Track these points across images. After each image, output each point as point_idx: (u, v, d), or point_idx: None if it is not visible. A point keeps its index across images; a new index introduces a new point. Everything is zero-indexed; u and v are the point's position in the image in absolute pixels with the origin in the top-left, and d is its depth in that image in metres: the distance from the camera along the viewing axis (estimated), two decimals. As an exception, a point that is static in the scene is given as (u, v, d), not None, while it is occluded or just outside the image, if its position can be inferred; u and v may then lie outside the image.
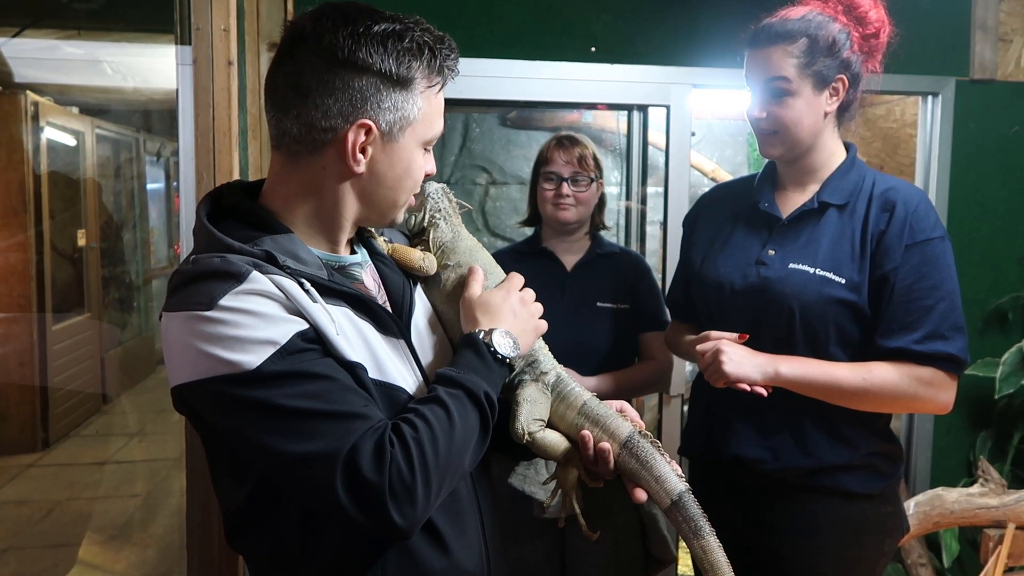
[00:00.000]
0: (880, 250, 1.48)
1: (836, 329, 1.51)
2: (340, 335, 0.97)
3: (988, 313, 2.69)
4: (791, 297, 1.50)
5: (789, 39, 1.50)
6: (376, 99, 0.98)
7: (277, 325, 0.92)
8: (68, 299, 5.15)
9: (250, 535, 1.03)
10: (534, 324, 1.17)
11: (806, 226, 1.56)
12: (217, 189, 1.10)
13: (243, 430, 0.92)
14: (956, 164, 2.62)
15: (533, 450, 1.18)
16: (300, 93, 0.98)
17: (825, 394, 1.48)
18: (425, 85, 1.02)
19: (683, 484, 1.14)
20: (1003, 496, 2.41)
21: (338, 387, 0.94)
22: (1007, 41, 2.64)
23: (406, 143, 1.03)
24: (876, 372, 1.46)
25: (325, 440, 0.90)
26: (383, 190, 1.05)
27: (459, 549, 1.07)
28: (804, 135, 1.54)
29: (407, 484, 0.91)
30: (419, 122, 1.03)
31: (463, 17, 2.36)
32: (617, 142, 3.86)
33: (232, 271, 0.93)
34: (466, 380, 1.02)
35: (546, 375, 1.20)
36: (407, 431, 0.93)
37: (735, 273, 1.59)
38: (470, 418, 1.00)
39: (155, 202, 6.77)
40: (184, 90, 1.81)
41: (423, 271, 1.20)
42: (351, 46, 0.96)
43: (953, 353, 1.45)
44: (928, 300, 1.46)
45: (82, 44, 3.71)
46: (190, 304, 0.92)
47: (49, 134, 4.81)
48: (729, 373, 1.45)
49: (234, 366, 0.90)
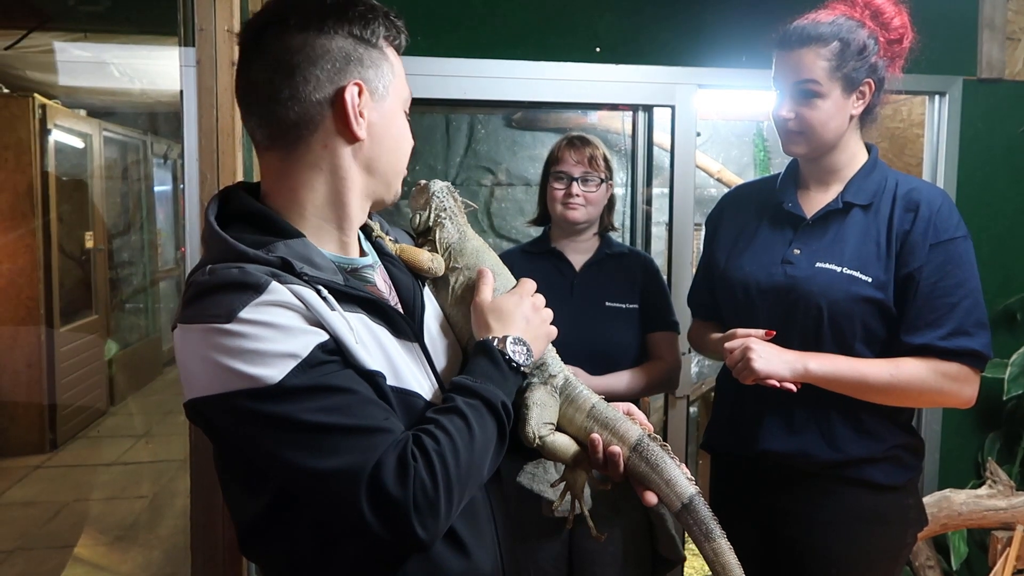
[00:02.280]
0: (905, 249, 1.52)
1: (863, 327, 1.54)
2: (359, 344, 0.96)
3: (996, 314, 2.67)
4: (819, 296, 1.53)
5: (821, 42, 1.52)
6: (357, 58, 1.00)
7: (297, 338, 0.90)
8: (76, 301, 5.17)
9: (265, 544, 1.02)
10: (546, 330, 1.16)
11: (831, 226, 1.59)
12: (225, 191, 1.08)
13: (264, 444, 0.90)
14: (963, 164, 2.60)
15: (543, 453, 1.18)
16: (285, 73, 0.97)
17: (853, 390, 1.52)
18: (388, 43, 1.04)
19: (694, 487, 1.14)
20: (1012, 498, 2.39)
21: (360, 400, 0.92)
22: (1015, 40, 2.63)
23: (393, 105, 1.05)
24: (903, 368, 1.50)
25: (350, 456, 0.88)
26: (386, 155, 1.06)
27: (477, 551, 1.07)
28: (830, 137, 1.56)
29: (430, 498, 0.90)
30: (396, 82, 1.05)
31: (467, 18, 2.36)
32: (622, 142, 3.85)
33: (251, 282, 0.91)
34: (483, 390, 1.01)
35: (555, 378, 1.20)
36: (429, 444, 0.92)
37: (760, 272, 1.62)
38: (488, 428, 1.00)
39: (162, 204, 6.79)
40: (188, 91, 1.81)
41: (432, 272, 1.19)
42: (317, 15, 0.98)
43: (977, 349, 1.49)
44: (952, 297, 1.50)
45: (89, 47, 3.73)
46: (208, 316, 0.90)
47: (57, 136, 4.83)
48: (759, 370, 1.48)
49: (255, 380, 0.88)
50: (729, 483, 1.75)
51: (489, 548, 1.10)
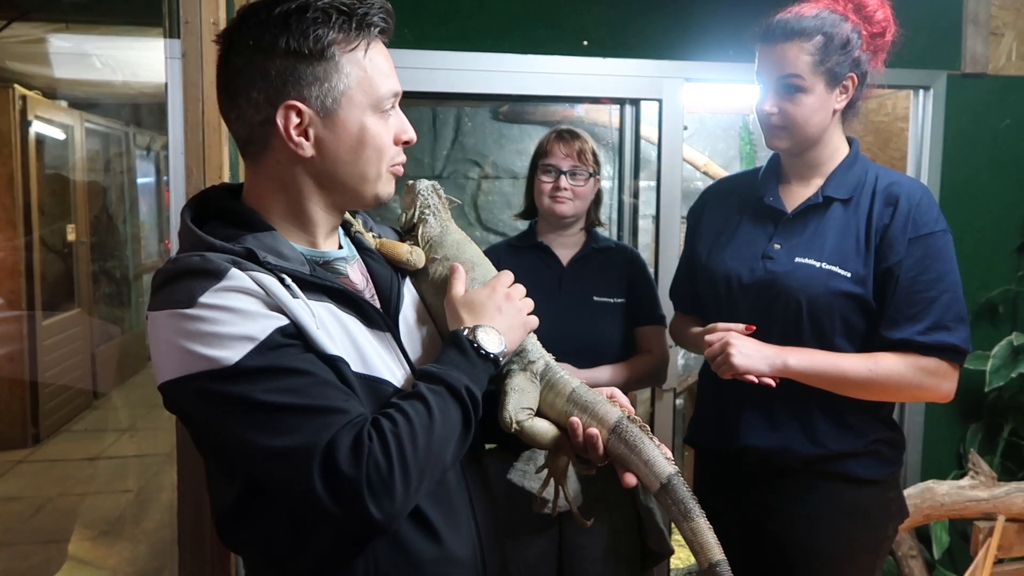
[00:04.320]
0: (884, 243, 1.52)
1: (842, 321, 1.55)
2: (320, 329, 0.97)
3: (979, 307, 2.70)
4: (798, 291, 1.53)
5: (804, 36, 1.51)
6: (295, 78, 0.98)
7: (256, 321, 0.93)
8: (58, 294, 5.12)
9: (240, 530, 1.04)
10: (522, 320, 1.17)
11: (811, 220, 1.59)
12: (203, 192, 1.11)
13: (223, 425, 0.93)
14: (947, 158, 2.62)
15: (522, 438, 1.18)
16: (229, 95, 1.01)
17: (832, 384, 1.52)
18: (345, 49, 1.00)
19: (672, 467, 1.14)
20: (993, 489, 2.42)
21: (317, 382, 0.94)
22: (998, 35, 2.65)
23: (349, 114, 1.01)
24: (882, 363, 1.50)
25: (302, 434, 0.90)
26: (342, 167, 1.04)
27: (451, 538, 1.07)
28: (813, 131, 1.56)
29: (384, 477, 0.91)
30: (356, 89, 1.01)
31: (454, 11, 2.35)
32: (609, 136, 3.85)
33: (211, 268, 0.94)
34: (447, 376, 1.02)
35: (534, 364, 1.20)
36: (386, 425, 0.94)
37: (742, 267, 1.62)
38: (451, 413, 1.00)
39: (145, 196, 6.72)
40: (173, 84, 1.79)
41: (411, 264, 1.20)
42: (256, 34, 0.98)
43: (956, 343, 1.50)
44: (931, 292, 1.50)
45: (71, 37, 3.68)
46: (171, 302, 0.93)
47: (38, 128, 4.77)
48: (738, 365, 1.48)
49: (213, 362, 0.91)
50: (713, 478, 1.76)
51: (465, 535, 1.11)
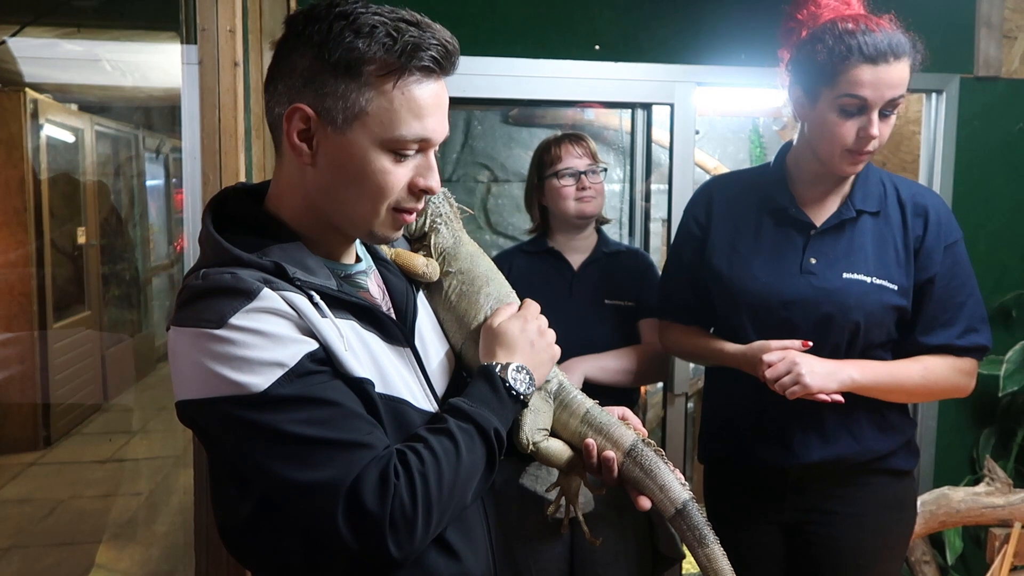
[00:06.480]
0: (922, 255, 1.55)
1: (887, 333, 1.58)
2: (348, 351, 0.96)
3: (992, 311, 2.68)
4: (855, 309, 1.52)
5: (908, 54, 1.44)
6: (317, 83, 0.94)
7: (286, 346, 0.91)
8: (68, 297, 5.14)
9: (252, 547, 1.02)
10: (551, 353, 1.17)
11: (843, 233, 1.57)
12: (221, 193, 1.08)
13: (247, 452, 0.91)
14: (960, 161, 2.61)
15: (537, 459, 1.18)
16: (269, 78, 1.00)
17: (888, 393, 1.56)
18: (377, 73, 0.94)
19: (687, 493, 1.14)
20: (1009, 495, 2.41)
21: (344, 413, 0.92)
22: (1011, 38, 2.64)
23: (357, 138, 0.96)
24: (931, 368, 1.55)
25: (330, 469, 0.89)
26: (343, 189, 0.98)
27: (468, 556, 1.07)
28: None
29: (408, 518, 0.90)
30: (372, 116, 0.95)
31: (466, 15, 2.35)
32: (619, 139, 3.85)
33: (242, 288, 0.91)
34: (478, 415, 1.01)
35: (548, 383, 1.20)
36: (413, 462, 0.92)
37: (781, 283, 1.57)
38: (477, 453, 0.99)
39: (155, 199, 6.75)
40: (189, 90, 1.79)
41: (426, 277, 1.19)
42: (306, 27, 0.95)
43: (986, 344, 1.58)
44: (960, 297, 1.56)
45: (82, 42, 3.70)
46: (199, 321, 0.90)
47: (48, 131, 4.79)
48: (810, 385, 1.44)
49: (241, 387, 0.88)
50: (749, 490, 1.70)
51: (481, 553, 1.11)
